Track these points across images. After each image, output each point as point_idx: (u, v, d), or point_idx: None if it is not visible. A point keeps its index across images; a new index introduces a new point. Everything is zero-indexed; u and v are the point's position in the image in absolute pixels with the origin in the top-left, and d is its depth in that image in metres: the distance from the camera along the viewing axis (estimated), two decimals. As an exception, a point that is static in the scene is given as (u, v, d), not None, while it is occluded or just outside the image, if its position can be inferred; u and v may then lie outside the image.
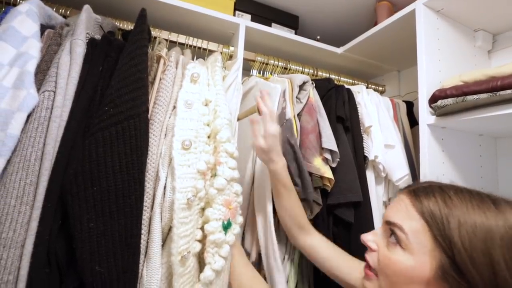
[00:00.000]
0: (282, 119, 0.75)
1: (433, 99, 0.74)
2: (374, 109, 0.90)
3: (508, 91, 0.59)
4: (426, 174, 0.74)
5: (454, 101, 0.69)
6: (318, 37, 1.22)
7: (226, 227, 0.58)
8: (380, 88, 1.28)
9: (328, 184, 0.75)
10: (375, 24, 1.10)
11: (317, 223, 0.78)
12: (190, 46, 0.87)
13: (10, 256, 0.46)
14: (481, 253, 0.37)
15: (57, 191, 0.46)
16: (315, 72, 1.09)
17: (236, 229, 0.60)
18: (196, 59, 0.83)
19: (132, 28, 0.81)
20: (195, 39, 0.87)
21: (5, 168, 0.45)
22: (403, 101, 1.10)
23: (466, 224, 0.39)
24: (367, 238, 0.49)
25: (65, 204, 0.46)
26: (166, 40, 0.84)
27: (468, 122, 0.70)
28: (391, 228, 0.45)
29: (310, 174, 0.73)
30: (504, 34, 0.94)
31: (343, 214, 0.76)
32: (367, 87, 1.07)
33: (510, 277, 0.36)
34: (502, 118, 0.63)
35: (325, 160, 0.76)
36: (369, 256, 0.48)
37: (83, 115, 0.53)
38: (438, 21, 0.84)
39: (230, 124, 0.64)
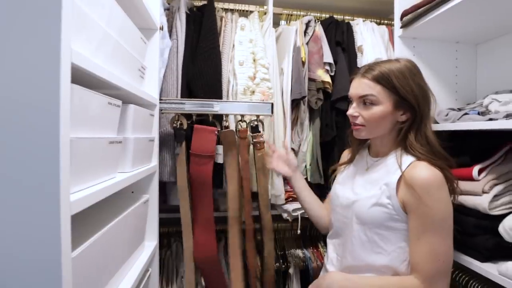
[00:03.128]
0: (295, 47, 1.18)
1: (401, 18, 1.06)
2: (368, 35, 1.25)
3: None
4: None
5: (412, 15, 1.01)
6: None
7: (263, 104, 1.09)
8: (392, 22, 1.53)
9: (329, 87, 1.18)
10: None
11: (324, 117, 1.22)
12: (238, 10, 1.34)
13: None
14: (407, 85, 0.71)
15: (185, 82, 1.04)
16: (332, 15, 1.43)
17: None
18: (242, 17, 1.30)
19: (201, 4, 1.33)
20: (240, 4, 1.33)
21: (164, 73, 1.04)
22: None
23: (395, 74, 0.71)
24: (350, 111, 0.77)
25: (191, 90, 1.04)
26: (222, 8, 1.33)
27: (426, 27, 1.00)
28: (364, 99, 0.73)
29: (314, 80, 1.16)
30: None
31: (340, 105, 1.18)
32: (379, 23, 1.38)
33: (419, 93, 0.71)
34: (445, 14, 0.90)
35: (326, 71, 1.18)
36: (355, 120, 0.75)
37: (188, 49, 1.09)
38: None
39: (264, 50, 1.12)
